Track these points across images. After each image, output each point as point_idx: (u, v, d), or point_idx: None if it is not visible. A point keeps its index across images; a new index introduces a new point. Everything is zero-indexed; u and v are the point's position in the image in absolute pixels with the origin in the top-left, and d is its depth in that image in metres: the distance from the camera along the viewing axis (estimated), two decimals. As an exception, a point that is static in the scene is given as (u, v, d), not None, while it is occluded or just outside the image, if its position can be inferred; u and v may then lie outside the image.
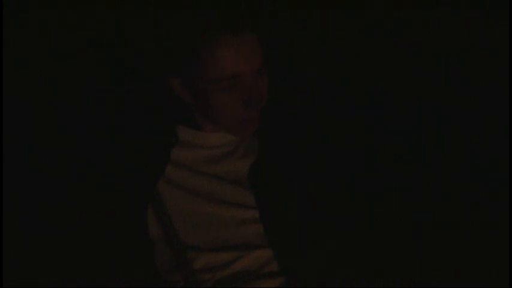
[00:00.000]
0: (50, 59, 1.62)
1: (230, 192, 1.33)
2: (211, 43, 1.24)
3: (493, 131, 1.56)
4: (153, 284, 1.32)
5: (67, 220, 1.38)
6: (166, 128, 1.39)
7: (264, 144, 1.38)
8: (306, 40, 1.66)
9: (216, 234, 1.32)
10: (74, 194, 1.38)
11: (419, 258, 1.43)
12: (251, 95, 1.28)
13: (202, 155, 1.37)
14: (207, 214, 1.32)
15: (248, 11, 1.29)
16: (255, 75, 1.28)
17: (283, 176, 1.35)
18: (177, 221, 1.33)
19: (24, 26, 1.60)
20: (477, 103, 1.59)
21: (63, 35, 1.62)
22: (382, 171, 1.47)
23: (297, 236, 1.32)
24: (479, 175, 1.53)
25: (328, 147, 1.40)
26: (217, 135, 1.38)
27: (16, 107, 1.57)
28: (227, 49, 1.24)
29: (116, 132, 1.44)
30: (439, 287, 1.41)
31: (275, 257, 1.30)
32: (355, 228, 1.38)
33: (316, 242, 1.32)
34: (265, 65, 1.29)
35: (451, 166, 1.54)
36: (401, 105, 1.60)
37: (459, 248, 1.46)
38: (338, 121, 1.50)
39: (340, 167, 1.39)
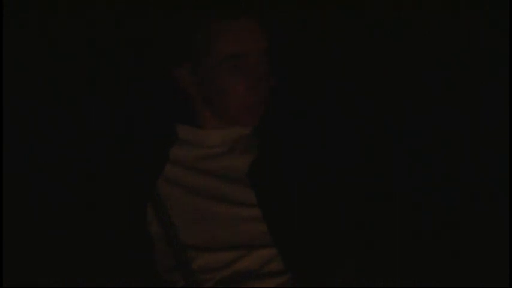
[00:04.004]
0: (50, 59, 1.62)
1: (230, 191, 1.33)
2: (218, 21, 1.28)
3: (493, 131, 1.56)
4: (153, 284, 1.32)
5: (67, 220, 1.38)
6: (166, 127, 1.39)
7: (264, 142, 1.38)
8: (306, 40, 1.66)
9: (217, 233, 1.31)
10: (73, 194, 1.38)
11: (419, 258, 1.43)
12: (256, 78, 1.30)
13: (201, 153, 1.37)
14: (207, 213, 1.32)
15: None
16: (261, 57, 1.30)
17: (284, 174, 1.35)
18: (177, 220, 1.33)
19: (24, 26, 1.60)
20: (477, 103, 1.59)
21: (63, 35, 1.62)
22: (382, 170, 1.47)
23: (299, 235, 1.31)
24: (479, 175, 1.53)
25: (328, 145, 1.40)
26: (217, 132, 1.37)
27: (16, 107, 1.57)
28: (233, 27, 1.28)
29: (115, 131, 1.44)
30: (439, 287, 1.41)
31: (279, 255, 1.30)
32: (356, 227, 1.38)
33: (316, 241, 1.32)
34: (270, 50, 1.31)
35: (450, 166, 1.54)
36: (401, 105, 1.60)
37: (459, 248, 1.46)
38: (338, 119, 1.50)
39: (340, 165, 1.39)
